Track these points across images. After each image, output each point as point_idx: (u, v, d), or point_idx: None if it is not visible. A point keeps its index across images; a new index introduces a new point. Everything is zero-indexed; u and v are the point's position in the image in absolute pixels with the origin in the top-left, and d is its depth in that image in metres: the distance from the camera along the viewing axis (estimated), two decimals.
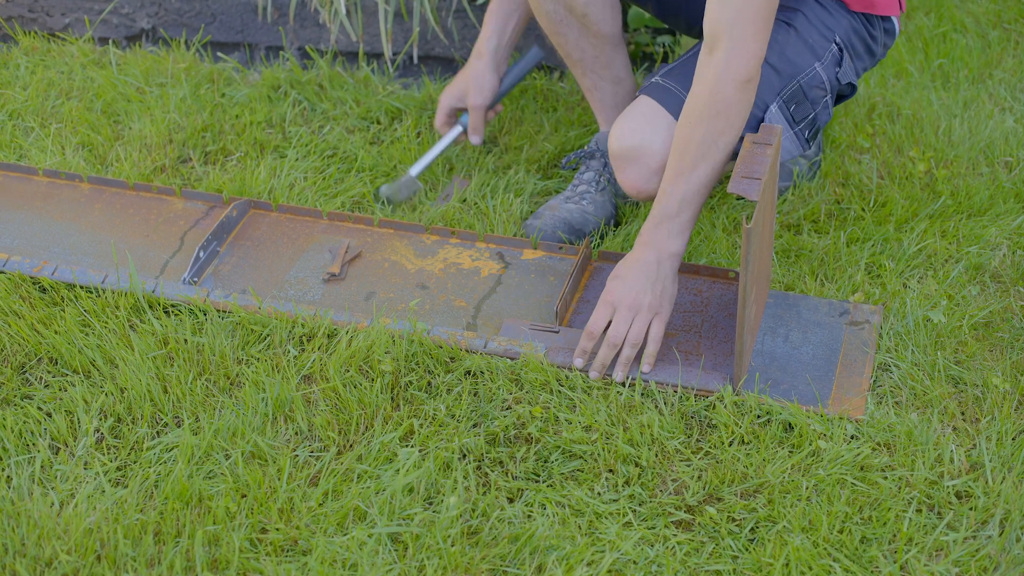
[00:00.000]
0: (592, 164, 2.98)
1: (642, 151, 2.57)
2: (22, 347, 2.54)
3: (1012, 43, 3.71)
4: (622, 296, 2.46)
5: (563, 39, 2.87)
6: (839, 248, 2.80)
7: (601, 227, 2.91)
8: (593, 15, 2.81)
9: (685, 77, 2.60)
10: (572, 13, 2.81)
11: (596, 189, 2.94)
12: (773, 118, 2.58)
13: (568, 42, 2.88)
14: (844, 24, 2.67)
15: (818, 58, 2.63)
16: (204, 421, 2.34)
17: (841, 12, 2.67)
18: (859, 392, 2.41)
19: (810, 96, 2.63)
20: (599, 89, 2.98)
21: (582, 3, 2.79)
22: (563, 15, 2.82)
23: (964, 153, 3.11)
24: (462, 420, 2.36)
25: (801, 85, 2.61)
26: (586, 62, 2.91)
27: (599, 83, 2.96)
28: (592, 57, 2.90)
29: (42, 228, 2.89)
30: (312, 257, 2.80)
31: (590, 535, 2.13)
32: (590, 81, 2.96)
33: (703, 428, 2.35)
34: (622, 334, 2.45)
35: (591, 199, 2.93)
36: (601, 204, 2.93)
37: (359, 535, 2.09)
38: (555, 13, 2.82)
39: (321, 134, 3.32)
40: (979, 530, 2.13)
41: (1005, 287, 2.70)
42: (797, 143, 2.66)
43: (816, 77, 2.62)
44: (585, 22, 2.82)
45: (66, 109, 3.41)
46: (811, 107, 2.63)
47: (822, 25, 2.64)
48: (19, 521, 2.13)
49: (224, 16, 3.78)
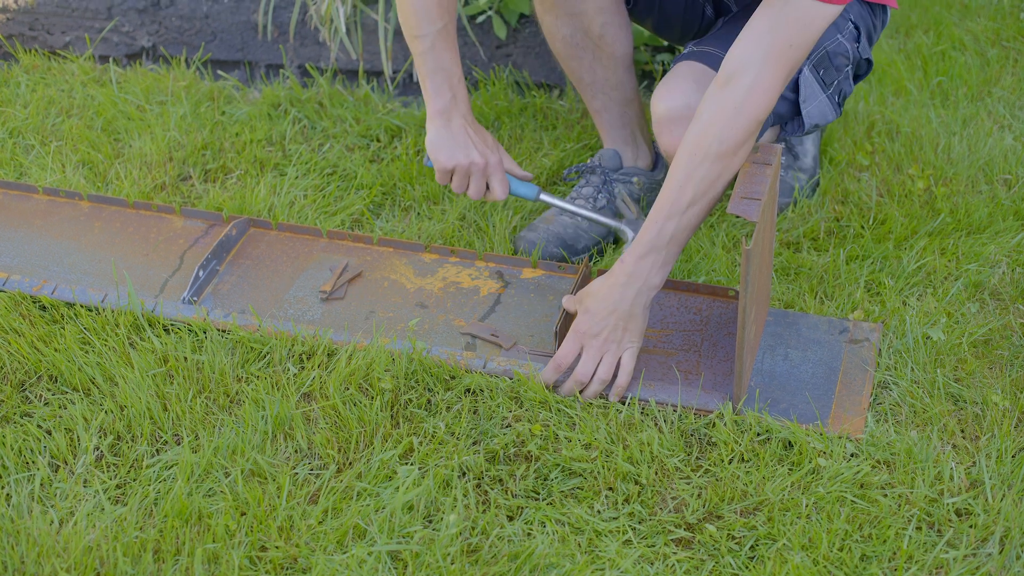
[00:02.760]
0: (591, 179, 2.99)
1: (689, 108, 2.52)
2: (22, 365, 2.54)
3: (1011, 61, 3.71)
4: (593, 331, 2.44)
5: (578, 63, 2.88)
6: (838, 266, 2.80)
7: (596, 244, 2.91)
8: (609, 36, 2.82)
9: (718, 42, 2.61)
10: (588, 36, 2.82)
11: (593, 207, 2.94)
12: (807, 80, 2.61)
13: (582, 65, 2.88)
14: (856, 9, 2.71)
15: (839, 31, 2.66)
16: (204, 439, 2.34)
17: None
18: (859, 410, 2.41)
19: (835, 63, 2.66)
20: (608, 111, 2.98)
21: (599, 24, 2.80)
22: (580, 39, 2.83)
23: (963, 171, 3.11)
24: (462, 438, 2.36)
25: (827, 51, 2.64)
26: (597, 84, 2.92)
27: (609, 104, 2.96)
28: (603, 79, 2.91)
29: (42, 246, 2.89)
30: (312, 276, 2.80)
31: (590, 553, 2.13)
32: (600, 103, 2.96)
33: (703, 446, 2.35)
34: (590, 372, 2.44)
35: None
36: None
37: (359, 553, 2.09)
38: (572, 37, 2.83)
39: (321, 152, 3.32)
40: (979, 548, 2.13)
41: (1004, 304, 2.70)
42: (831, 106, 2.69)
43: (841, 46, 2.65)
44: (601, 44, 2.83)
45: (66, 127, 3.41)
46: (836, 73, 2.67)
47: None
48: (18, 539, 2.13)
49: (224, 34, 3.79)
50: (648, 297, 2.44)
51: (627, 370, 2.44)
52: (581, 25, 2.81)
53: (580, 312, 2.47)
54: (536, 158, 3.24)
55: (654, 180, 3.02)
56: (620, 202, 2.96)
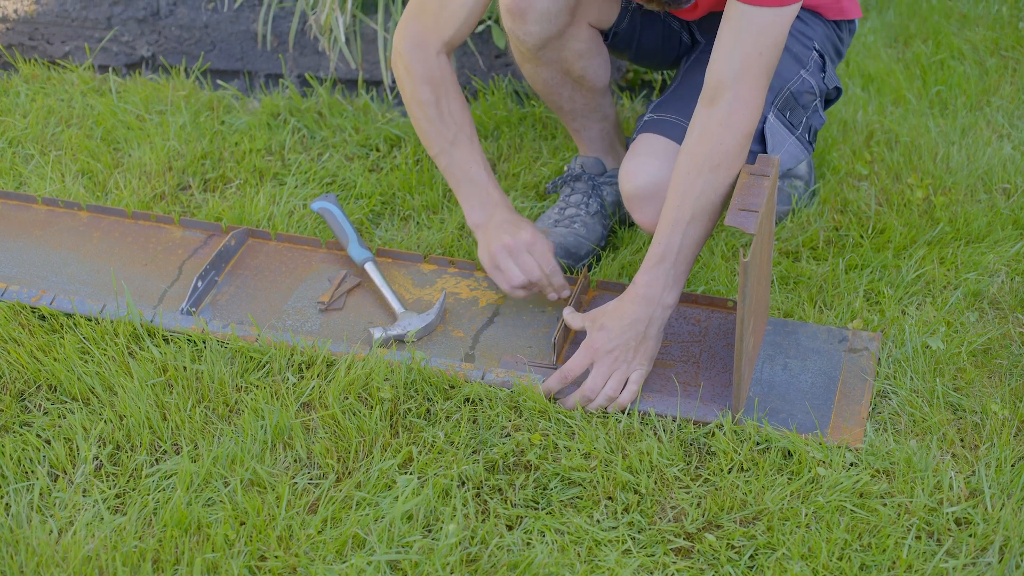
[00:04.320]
0: (578, 187, 3.00)
1: (657, 186, 2.55)
2: (21, 374, 2.54)
3: (1010, 70, 3.72)
4: (607, 348, 2.44)
5: (557, 97, 2.90)
6: (838, 275, 2.80)
7: (595, 252, 2.92)
8: (590, 75, 2.84)
9: (677, 105, 2.62)
10: (569, 76, 2.83)
11: (587, 212, 2.95)
12: (773, 128, 2.59)
13: (562, 98, 2.90)
14: (820, 32, 2.72)
15: (803, 66, 2.66)
16: (203, 448, 2.34)
17: (816, 21, 2.73)
18: (858, 419, 2.41)
19: (801, 101, 2.64)
20: (587, 130, 3.01)
21: (579, 68, 2.81)
22: (560, 79, 2.84)
23: (962, 180, 3.12)
24: (461, 447, 2.35)
25: (791, 92, 2.63)
26: (577, 111, 2.94)
27: (587, 124, 2.99)
28: (583, 106, 2.93)
29: (40, 257, 2.89)
30: (310, 286, 2.80)
31: (589, 562, 2.13)
32: (579, 124, 2.99)
33: (702, 455, 2.35)
34: (598, 388, 2.43)
35: (582, 222, 2.94)
36: (592, 227, 2.94)
37: (358, 562, 2.09)
38: (552, 80, 2.84)
39: (320, 161, 3.33)
40: (979, 557, 2.13)
41: (1004, 313, 2.70)
42: (801, 147, 2.67)
43: (804, 83, 2.65)
44: (581, 81, 2.85)
45: (66, 137, 3.42)
46: (804, 111, 2.65)
47: (801, 35, 2.69)
48: (17, 548, 2.13)
49: (224, 44, 3.79)
50: (663, 319, 2.45)
51: (632, 390, 2.43)
52: (561, 69, 2.81)
53: (595, 329, 2.46)
54: (535, 167, 3.25)
55: None
56: None
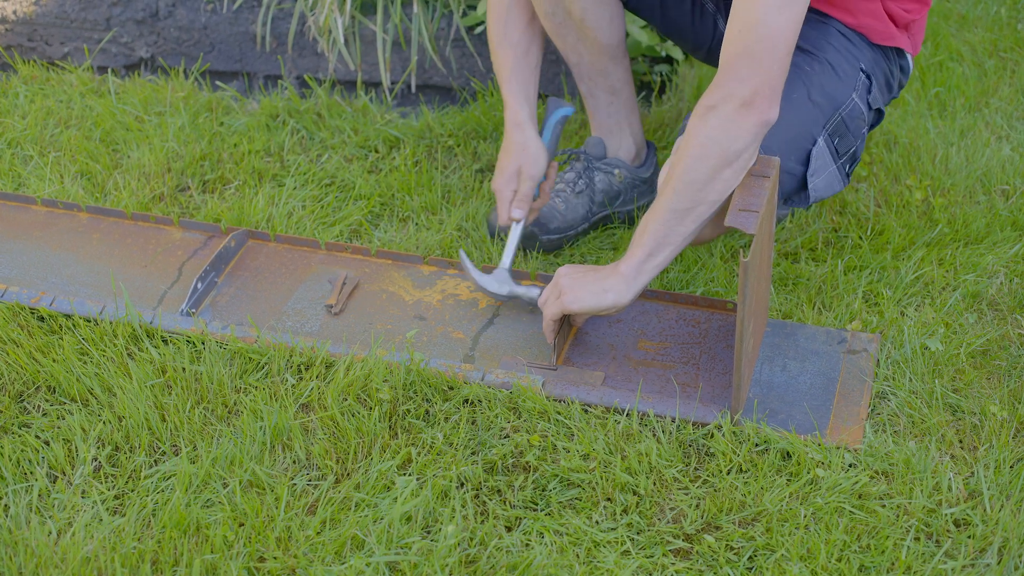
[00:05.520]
0: (575, 165, 3.02)
1: None
2: (20, 375, 2.54)
3: (1008, 72, 3.72)
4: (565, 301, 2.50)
5: (562, 40, 2.88)
6: (836, 276, 2.80)
7: (571, 228, 2.96)
8: (591, 22, 2.81)
9: None
10: (571, 17, 2.81)
11: (572, 191, 2.97)
12: (819, 152, 2.57)
13: (566, 44, 2.89)
14: (867, 55, 2.68)
15: (854, 88, 2.62)
16: (202, 449, 2.34)
17: (863, 44, 2.68)
18: (857, 420, 2.41)
19: (852, 128, 2.62)
20: (594, 96, 2.99)
21: (580, 8, 2.79)
22: (562, 17, 2.82)
23: (961, 181, 3.12)
24: (460, 448, 2.36)
25: (843, 117, 2.60)
26: (582, 67, 2.92)
27: (594, 91, 2.97)
28: (588, 63, 2.91)
29: (40, 258, 2.89)
30: (310, 288, 2.80)
31: (588, 564, 2.13)
32: (586, 87, 2.98)
33: (701, 456, 2.35)
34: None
35: (565, 198, 2.96)
36: (573, 206, 2.96)
37: (357, 564, 2.09)
38: (554, 15, 2.82)
39: (319, 163, 3.33)
40: (977, 558, 2.13)
41: (1002, 315, 2.70)
42: (839, 178, 2.65)
43: (856, 108, 2.62)
44: (583, 28, 2.83)
45: (65, 138, 3.42)
46: (853, 139, 2.63)
47: (848, 54, 2.65)
48: (16, 550, 2.13)
49: (223, 45, 3.79)
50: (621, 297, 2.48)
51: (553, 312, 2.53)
52: (562, 4, 2.80)
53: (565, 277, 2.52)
54: None
55: (637, 176, 3.03)
56: None
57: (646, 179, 3.05)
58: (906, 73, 2.80)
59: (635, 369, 2.56)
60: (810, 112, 2.57)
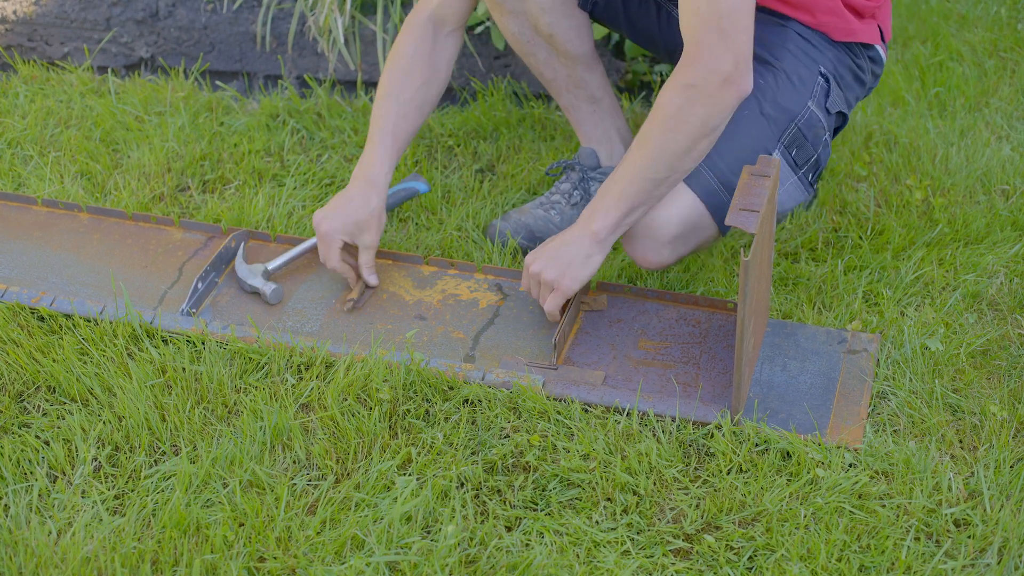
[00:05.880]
0: (571, 176, 3.01)
1: (650, 227, 2.56)
2: (20, 375, 2.54)
3: (1008, 72, 3.72)
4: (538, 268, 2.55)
5: (533, 59, 2.88)
6: (836, 276, 2.80)
7: None
8: (560, 36, 2.81)
9: None
10: (539, 33, 2.81)
11: (567, 202, 2.97)
12: None
13: (539, 62, 2.89)
14: (829, 55, 2.66)
15: (810, 95, 2.62)
16: (202, 449, 2.34)
17: (824, 43, 2.67)
18: (857, 420, 2.41)
19: (810, 137, 2.62)
20: (576, 108, 2.98)
21: (546, 24, 2.79)
22: (530, 35, 2.82)
23: (961, 181, 3.12)
24: (460, 448, 2.36)
25: (800, 127, 2.61)
26: (559, 81, 2.92)
27: (575, 102, 2.97)
28: (564, 76, 2.91)
29: (40, 258, 2.89)
30: (310, 288, 2.80)
31: (588, 564, 2.13)
32: (566, 100, 2.98)
33: (701, 456, 2.35)
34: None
35: (560, 210, 2.96)
36: (569, 217, 2.95)
37: (357, 564, 2.09)
38: (521, 34, 2.82)
39: (319, 163, 3.33)
40: (977, 558, 2.13)
41: (1002, 315, 2.70)
42: (802, 188, 2.66)
43: (813, 116, 2.62)
44: (552, 43, 2.82)
45: (65, 138, 3.42)
46: (812, 148, 2.63)
47: (807, 58, 2.63)
48: (16, 550, 2.13)
49: (223, 45, 3.79)
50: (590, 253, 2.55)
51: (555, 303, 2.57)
52: (528, 23, 2.80)
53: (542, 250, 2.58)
54: (534, 168, 3.25)
55: None
56: None
57: None
58: (879, 63, 2.79)
59: (635, 369, 2.56)
60: (762, 127, 2.58)
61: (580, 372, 2.53)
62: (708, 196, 2.55)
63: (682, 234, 2.57)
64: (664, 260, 2.60)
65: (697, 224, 2.58)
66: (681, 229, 2.56)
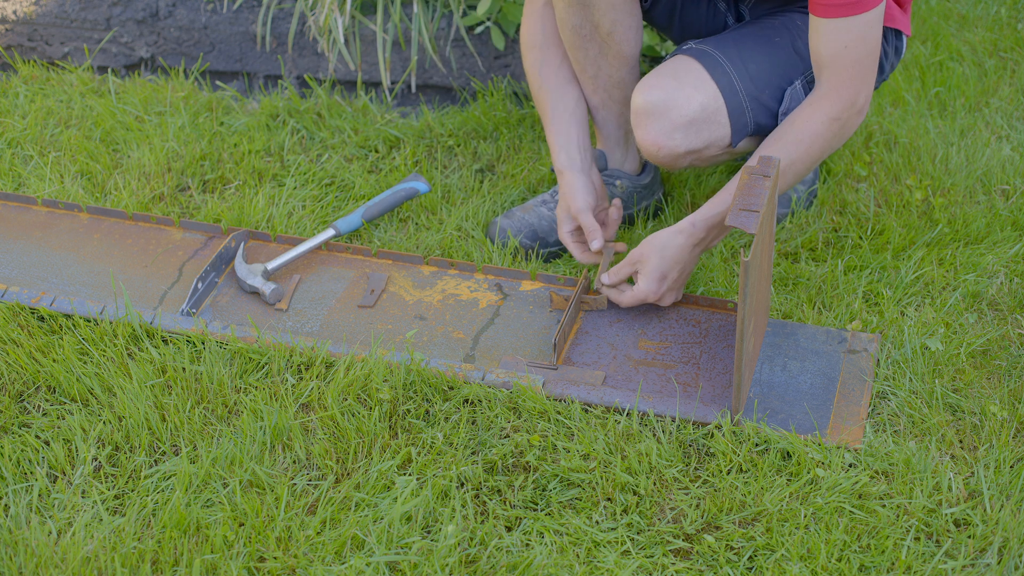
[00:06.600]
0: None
1: (668, 105, 2.61)
2: (20, 375, 2.54)
3: (1008, 72, 3.72)
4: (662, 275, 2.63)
5: (583, 53, 2.87)
6: (837, 276, 2.80)
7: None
8: (618, 35, 2.81)
9: (721, 44, 2.68)
10: (598, 31, 2.81)
11: None
12: (795, 93, 2.69)
13: (587, 57, 2.88)
14: None
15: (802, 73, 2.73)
16: (202, 449, 2.34)
17: None
18: (857, 420, 2.41)
19: None
20: (606, 108, 2.97)
21: (609, 22, 2.79)
22: (589, 31, 2.82)
23: (961, 181, 3.12)
24: (460, 448, 2.36)
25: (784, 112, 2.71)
26: (600, 79, 2.91)
27: (607, 102, 2.96)
28: (607, 75, 2.90)
29: (40, 258, 2.89)
30: (310, 288, 2.80)
31: (588, 564, 2.13)
32: (599, 99, 2.96)
33: (701, 456, 2.35)
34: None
35: None
36: None
37: (357, 564, 2.09)
38: (581, 28, 2.81)
39: (319, 162, 3.33)
40: (977, 558, 2.13)
41: (1002, 315, 2.70)
42: None
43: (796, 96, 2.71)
44: (609, 41, 2.82)
45: (65, 138, 3.42)
46: None
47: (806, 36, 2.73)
48: (16, 550, 2.13)
49: (223, 45, 3.79)
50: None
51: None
52: (591, 18, 2.79)
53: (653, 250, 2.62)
54: (534, 168, 3.25)
55: (638, 184, 3.02)
56: None
57: (646, 184, 3.05)
58: (899, 55, 2.86)
59: (635, 369, 2.56)
60: (791, 58, 2.70)
61: (580, 372, 2.53)
62: (729, 94, 2.64)
63: (696, 121, 2.63)
64: (675, 147, 2.63)
65: (713, 117, 2.64)
66: (698, 114, 2.62)
